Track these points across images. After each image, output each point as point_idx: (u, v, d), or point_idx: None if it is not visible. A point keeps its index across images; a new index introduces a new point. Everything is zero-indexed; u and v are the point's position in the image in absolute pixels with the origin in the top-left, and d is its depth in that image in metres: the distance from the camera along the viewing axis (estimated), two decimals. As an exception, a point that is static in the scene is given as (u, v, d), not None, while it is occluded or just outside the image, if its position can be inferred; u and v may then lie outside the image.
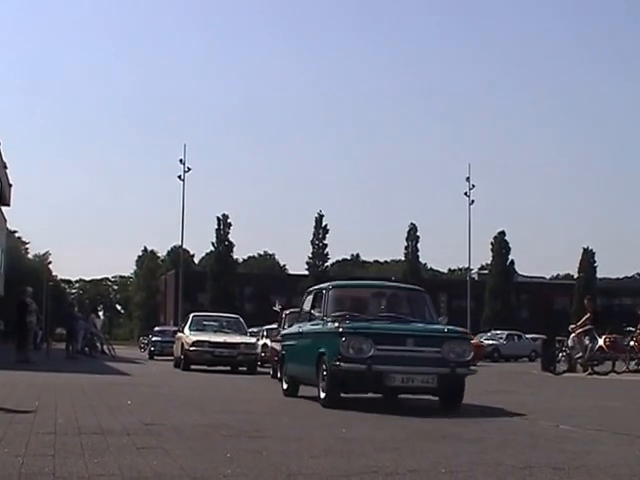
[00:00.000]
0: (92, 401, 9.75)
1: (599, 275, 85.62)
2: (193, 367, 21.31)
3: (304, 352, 10.91)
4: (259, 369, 22.17)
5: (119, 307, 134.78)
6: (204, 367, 21.45)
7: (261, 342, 23.54)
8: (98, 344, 32.63)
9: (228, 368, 21.67)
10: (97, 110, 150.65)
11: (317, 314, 10.91)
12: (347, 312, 10.50)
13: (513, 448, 6.40)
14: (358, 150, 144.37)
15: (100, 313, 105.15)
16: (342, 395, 9.90)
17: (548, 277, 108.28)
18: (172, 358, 28.27)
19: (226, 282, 74.51)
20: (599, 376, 19.55)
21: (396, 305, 11.22)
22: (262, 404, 10.64)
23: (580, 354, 20.74)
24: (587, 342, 20.58)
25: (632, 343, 21.11)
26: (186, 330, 22.66)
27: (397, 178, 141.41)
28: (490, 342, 45.14)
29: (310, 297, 11.72)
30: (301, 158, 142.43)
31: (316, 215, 78.91)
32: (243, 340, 21.69)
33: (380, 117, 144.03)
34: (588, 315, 21.31)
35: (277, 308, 21.76)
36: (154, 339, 37.22)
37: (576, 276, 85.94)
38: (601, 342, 20.31)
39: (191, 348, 21.11)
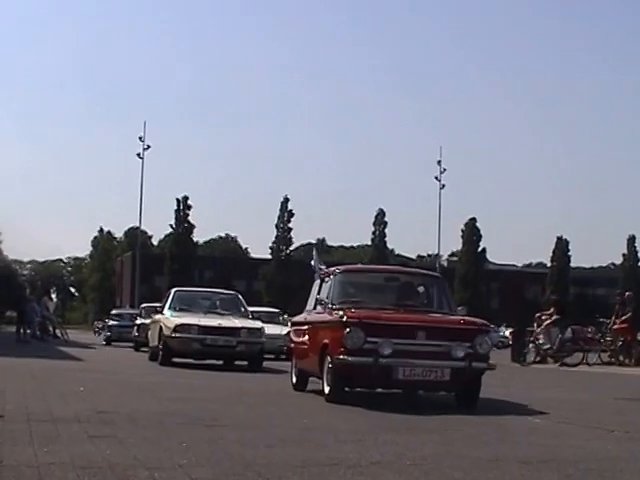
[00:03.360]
0: (43, 387, 9.72)
1: (573, 264, 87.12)
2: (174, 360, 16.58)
3: None
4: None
5: (73, 290, 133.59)
6: (188, 360, 16.85)
7: None
8: (50, 328, 32.49)
9: (220, 362, 17.19)
10: (49, 78, 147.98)
11: None
12: None
13: (480, 441, 6.49)
14: (326, 132, 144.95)
15: (53, 295, 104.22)
16: None
17: (520, 265, 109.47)
18: (131, 344, 28.11)
19: (185, 265, 74.31)
20: (569, 368, 20.23)
21: None
22: (219, 391, 10.59)
23: (548, 346, 21.35)
24: (556, 334, 21.26)
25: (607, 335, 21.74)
26: (166, 311, 17.74)
27: (365, 161, 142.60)
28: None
29: None
30: (266, 139, 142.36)
31: (281, 198, 79.88)
32: (245, 324, 16.92)
33: (349, 98, 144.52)
34: (552, 309, 22.45)
35: (321, 268, 12.67)
36: (111, 323, 35.96)
37: (549, 265, 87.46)
38: (569, 333, 21.14)
39: (173, 334, 16.28)
